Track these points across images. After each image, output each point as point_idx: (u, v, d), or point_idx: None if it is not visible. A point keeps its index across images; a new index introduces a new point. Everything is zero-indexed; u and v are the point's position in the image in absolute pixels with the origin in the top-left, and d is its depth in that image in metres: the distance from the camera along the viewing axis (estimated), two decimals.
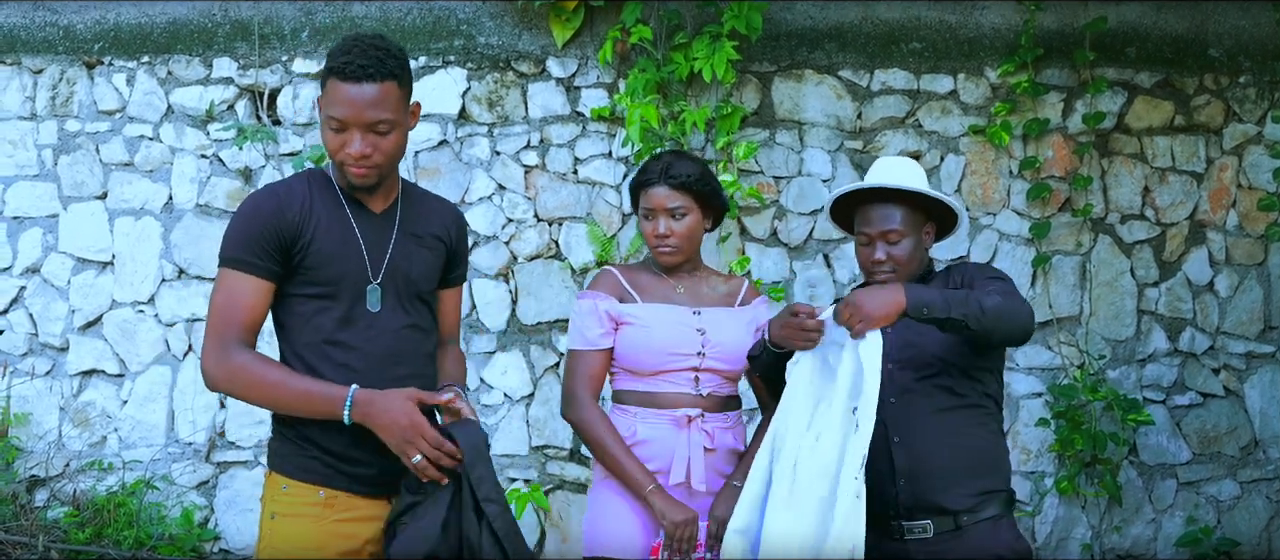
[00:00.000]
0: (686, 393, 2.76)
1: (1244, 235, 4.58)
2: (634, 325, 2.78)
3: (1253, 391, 4.57)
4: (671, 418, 2.74)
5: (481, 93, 4.44)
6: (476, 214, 4.41)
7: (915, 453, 2.66)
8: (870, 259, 2.76)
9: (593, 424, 2.74)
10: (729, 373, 2.82)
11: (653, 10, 4.29)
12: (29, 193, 4.51)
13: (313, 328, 2.38)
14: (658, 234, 2.82)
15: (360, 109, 2.28)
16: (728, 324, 2.83)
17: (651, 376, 2.77)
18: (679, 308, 2.81)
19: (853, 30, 4.46)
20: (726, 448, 2.79)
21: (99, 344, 4.49)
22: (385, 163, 2.35)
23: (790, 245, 4.44)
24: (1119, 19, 4.49)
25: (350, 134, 2.30)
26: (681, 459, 2.72)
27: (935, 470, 2.65)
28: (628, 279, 2.85)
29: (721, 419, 2.79)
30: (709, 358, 2.77)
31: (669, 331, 2.76)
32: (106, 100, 4.50)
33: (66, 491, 4.45)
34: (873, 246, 2.76)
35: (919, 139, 4.46)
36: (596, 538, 2.77)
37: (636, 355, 2.77)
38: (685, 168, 2.83)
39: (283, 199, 2.37)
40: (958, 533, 2.64)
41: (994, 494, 2.69)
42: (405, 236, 2.46)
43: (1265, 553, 4.58)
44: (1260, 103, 4.57)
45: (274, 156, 4.45)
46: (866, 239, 2.77)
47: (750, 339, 2.83)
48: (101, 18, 4.50)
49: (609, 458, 2.72)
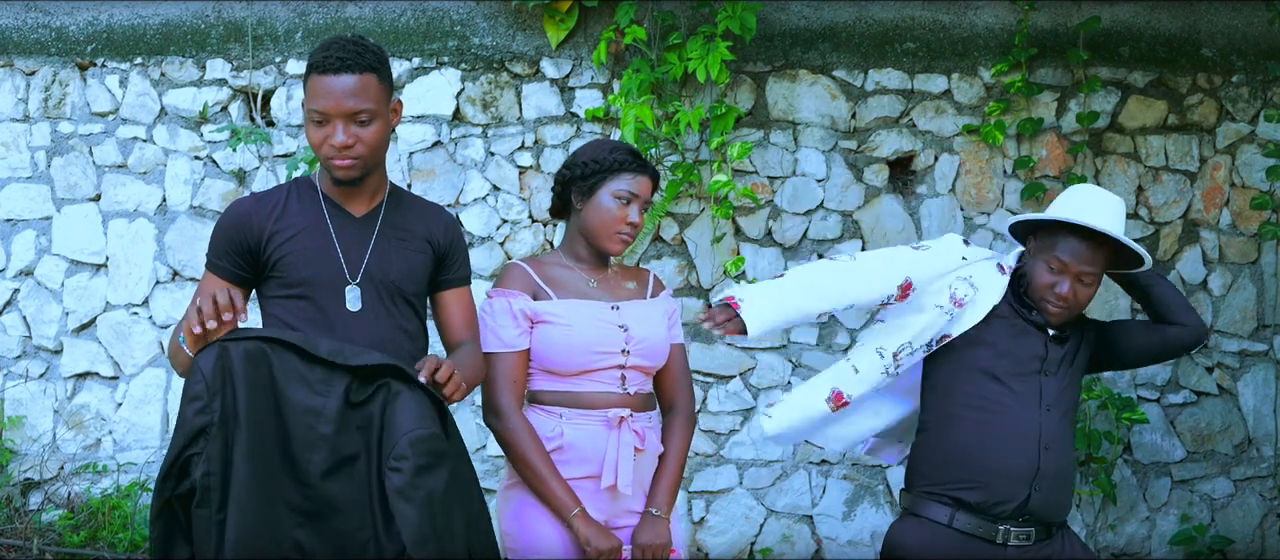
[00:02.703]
0: (614, 392, 2.63)
1: (1237, 234, 4.59)
2: (553, 324, 2.61)
3: (1246, 390, 4.58)
4: (603, 419, 2.61)
5: (476, 94, 4.44)
6: (471, 215, 4.41)
7: (1059, 465, 2.72)
8: (1053, 289, 2.69)
9: (519, 436, 2.57)
10: (651, 369, 2.71)
11: (647, 11, 4.29)
12: (22, 195, 4.50)
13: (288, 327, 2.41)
14: (630, 221, 2.67)
15: (340, 99, 2.32)
16: (647, 318, 2.70)
17: (575, 376, 2.62)
18: (597, 303, 2.66)
19: (847, 30, 4.47)
20: (653, 450, 2.69)
21: (93, 346, 4.48)
22: (368, 154, 2.38)
23: (785, 245, 4.45)
24: (1112, 19, 4.50)
25: (332, 126, 2.35)
26: (612, 462, 2.59)
27: (1064, 485, 2.75)
28: (539, 274, 2.67)
29: (646, 418, 2.68)
30: (633, 355, 2.64)
31: (592, 329, 2.61)
32: (99, 102, 4.49)
33: (61, 494, 4.45)
34: (1062, 279, 2.68)
35: (913, 139, 4.46)
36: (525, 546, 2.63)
37: (558, 355, 2.61)
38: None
39: (255, 205, 2.46)
40: (1047, 541, 2.76)
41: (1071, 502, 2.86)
42: (387, 238, 2.47)
43: (1259, 550, 4.59)
44: (1253, 102, 4.59)
45: (268, 158, 4.45)
46: (1060, 267, 2.68)
47: (668, 332, 2.73)
48: (94, 19, 4.49)
49: (533, 476, 2.57)
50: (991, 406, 2.70)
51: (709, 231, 4.39)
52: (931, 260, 2.76)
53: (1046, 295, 2.70)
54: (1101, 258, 2.68)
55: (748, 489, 4.47)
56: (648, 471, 2.70)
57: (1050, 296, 2.69)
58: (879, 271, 2.72)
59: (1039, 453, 2.67)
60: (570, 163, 2.75)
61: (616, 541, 2.57)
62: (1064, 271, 2.68)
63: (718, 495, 4.46)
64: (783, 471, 4.47)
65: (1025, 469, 2.67)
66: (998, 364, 2.72)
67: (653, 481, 2.70)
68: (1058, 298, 2.68)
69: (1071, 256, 2.67)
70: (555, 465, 2.59)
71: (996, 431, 2.69)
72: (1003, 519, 2.69)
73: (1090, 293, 2.71)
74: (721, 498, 4.46)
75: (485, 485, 4.44)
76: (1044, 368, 2.73)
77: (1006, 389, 2.70)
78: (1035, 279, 2.72)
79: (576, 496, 2.57)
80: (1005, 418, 2.69)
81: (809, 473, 4.48)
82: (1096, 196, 2.75)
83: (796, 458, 4.48)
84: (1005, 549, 2.69)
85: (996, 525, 2.69)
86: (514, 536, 2.65)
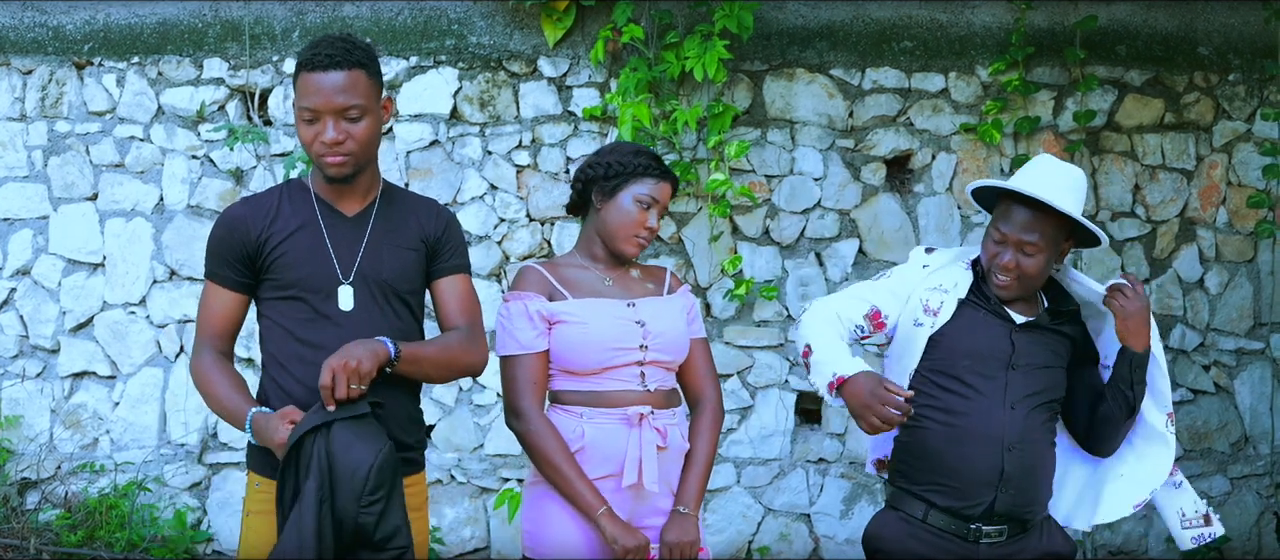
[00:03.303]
0: (633, 389, 2.64)
1: (1234, 232, 4.59)
2: (570, 324, 2.62)
3: (1243, 388, 4.59)
4: (623, 416, 2.62)
5: (473, 93, 4.44)
6: (468, 214, 4.41)
7: (1026, 466, 2.70)
8: (998, 260, 2.68)
9: (543, 438, 2.58)
10: (671, 365, 2.72)
11: (644, 9, 4.29)
12: (19, 194, 4.50)
13: (283, 328, 2.44)
14: (649, 226, 2.69)
15: (329, 95, 2.34)
16: (664, 314, 2.71)
17: (595, 375, 2.63)
18: (613, 301, 2.67)
19: (844, 29, 4.47)
20: (677, 448, 2.69)
21: (90, 346, 4.48)
22: (359, 151, 2.39)
23: (782, 244, 4.45)
24: (1109, 17, 4.50)
25: (322, 123, 2.36)
26: (633, 460, 2.60)
27: (1033, 484, 2.73)
28: (554, 275, 2.69)
29: (669, 414, 2.68)
30: (652, 350, 2.65)
31: (609, 327, 2.62)
32: (96, 101, 4.48)
33: (58, 494, 4.44)
34: (1005, 248, 2.67)
35: (911, 137, 4.47)
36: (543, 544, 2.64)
37: (577, 354, 2.62)
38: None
39: (248, 211, 2.47)
40: (1022, 535, 2.76)
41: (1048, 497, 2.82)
42: (380, 237, 2.48)
43: (1255, 548, 4.60)
44: (1249, 100, 4.59)
45: (265, 157, 4.44)
46: (1001, 237, 2.67)
47: (686, 327, 2.75)
48: (91, 18, 4.49)
49: (559, 477, 2.58)
50: (956, 408, 2.70)
51: (706, 230, 4.39)
52: (892, 285, 2.79)
53: (993, 267, 2.69)
54: (1048, 228, 2.65)
55: (745, 487, 4.47)
56: (672, 469, 2.70)
57: (995, 268, 2.68)
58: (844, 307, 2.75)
59: (1002, 455, 2.67)
60: (594, 162, 2.75)
61: (643, 539, 2.57)
62: (1005, 242, 2.66)
63: (715, 494, 4.46)
64: (780, 470, 4.47)
65: (989, 473, 2.68)
66: (961, 364, 2.70)
67: (681, 479, 2.71)
68: (1001, 268, 2.67)
69: (1012, 226, 2.65)
70: (579, 464, 2.59)
71: (959, 436, 2.69)
72: (974, 518, 2.71)
73: (1037, 263, 2.66)
74: (719, 496, 4.46)
75: (485, 485, 4.45)
76: (1012, 362, 2.70)
77: (971, 389, 2.69)
78: (984, 252, 2.73)
79: (601, 495, 2.58)
80: (969, 421, 2.69)
81: (806, 471, 4.48)
82: (1046, 167, 2.73)
83: (794, 457, 4.48)
84: (977, 546, 2.72)
85: (968, 523, 2.71)
86: (533, 535, 2.66)
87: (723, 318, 4.43)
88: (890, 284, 2.80)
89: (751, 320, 4.44)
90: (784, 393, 4.45)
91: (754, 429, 4.45)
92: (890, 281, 2.81)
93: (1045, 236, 2.64)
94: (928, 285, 2.76)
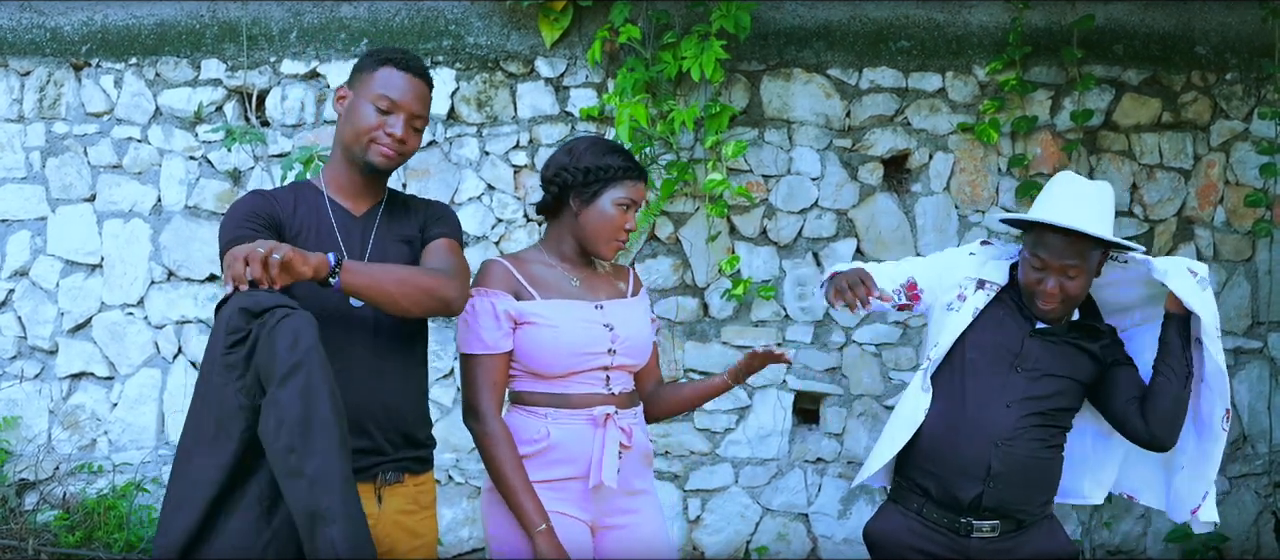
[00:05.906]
0: (598, 392, 2.61)
1: (1231, 231, 4.59)
2: (538, 325, 2.57)
3: (1241, 387, 4.59)
4: (588, 417, 2.59)
5: (470, 93, 4.44)
6: (466, 214, 4.41)
7: (1016, 464, 2.71)
8: (1040, 286, 2.68)
9: (496, 443, 2.54)
10: (635, 368, 2.70)
11: (641, 10, 4.29)
12: (17, 195, 4.50)
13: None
14: (627, 228, 2.66)
15: (413, 99, 2.50)
16: (630, 317, 2.69)
17: (561, 378, 2.59)
18: (581, 303, 2.63)
19: (841, 29, 4.47)
20: (641, 447, 2.68)
21: (88, 347, 4.48)
22: (408, 155, 2.54)
23: (780, 244, 4.45)
24: (1106, 17, 4.50)
25: (396, 117, 2.48)
26: (597, 461, 2.57)
27: (1024, 481, 2.74)
28: (521, 272, 2.63)
29: (631, 414, 2.67)
30: (619, 354, 2.63)
31: (579, 330, 2.58)
32: (94, 102, 4.49)
33: (56, 494, 4.45)
34: (1047, 274, 2.66)
35: (908, 137, 4.47)
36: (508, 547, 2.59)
37: (545, 357, 2.57)
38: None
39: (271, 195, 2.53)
40: (1017, 532, 2.77)
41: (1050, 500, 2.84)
42: (384, 236, 2.53)
43: (1254, 548, 4.60)
44: (1247, 99, 4.59)
45: (263, 158, 4.45)
46: (1041, 264, 2.66)
47: (650, 330, 2.74)
48: (88, 19, 4.49)
49: (505, 487, 2.53)
50: (956, 397, 2.74)
51: (704, 230, 4.39)
52: (936, 264, 2.86)
53: (1035, 291, 2.70)
54: (1086, 248, 2.66)
55: (743, 487, 4.47)
56: (635, 469, 2.68)
57: (1039, 292, 2.69)
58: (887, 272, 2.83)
59: (991, 450, 2.68)
60: (569, 167, 2.67)
61: None
62: (1046, 268, 2.67)
63: (713, 494, 4.46)
64: (778, 470, 4.47)
65: (977, 464, 2.70)
66: (968, 355, 2.74)
67: (698, 387, 2.85)
68: (1046, 294, 2.68)
69: (1052, 253, 2.65)
70: (528, 477, 2.55)
71: (955, 424, 2.73)
72: (963, 511, 2.73)
73: (1079, 284, 2.68)
74: (717, 496, 4.46)
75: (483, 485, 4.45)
76: (1016, 364, 2.72)
77: (975, 381, 2.73)
78: (1024, 276, 2.73)
79: (545, 512, 2.53)
80: (966, 410, 2.72)
81: (804, 471, 4.48)
82: (1075, 188, 2.72)
83: (792, 456, 4.48)
84: (969, 541, 2.74)
85: (958, 517, 2.73)
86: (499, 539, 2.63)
87: (720, 317, 4.43)
88: (935, 262, 2.87)
89: (749, 320, 4.44)
90: (782, 393, 4.45)
91: (752, 429, 4.45)
92: (936, 259, 2.88)
93: (1084, 257, 2.65)
94: (966, 273, 2.81)
